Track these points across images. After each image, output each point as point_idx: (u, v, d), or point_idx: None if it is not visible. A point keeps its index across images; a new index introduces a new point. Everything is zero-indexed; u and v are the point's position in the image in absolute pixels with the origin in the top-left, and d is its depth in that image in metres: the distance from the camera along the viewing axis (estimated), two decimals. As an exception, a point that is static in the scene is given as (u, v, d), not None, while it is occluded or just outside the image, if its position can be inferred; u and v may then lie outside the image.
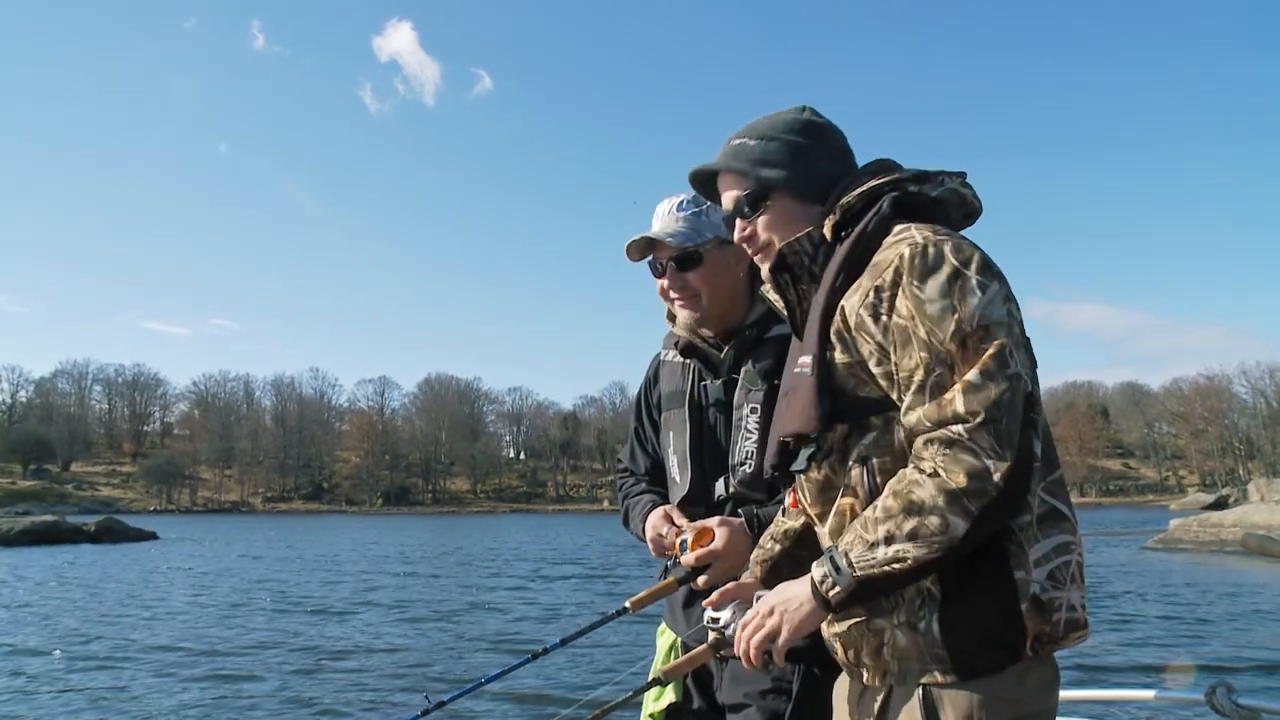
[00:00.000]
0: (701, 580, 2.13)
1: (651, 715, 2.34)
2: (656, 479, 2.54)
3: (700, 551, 2.11)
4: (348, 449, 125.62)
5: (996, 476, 1.36)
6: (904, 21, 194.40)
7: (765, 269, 1.72)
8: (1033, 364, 1.49)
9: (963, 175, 1.65)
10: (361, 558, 31.00)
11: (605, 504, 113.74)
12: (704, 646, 1.79)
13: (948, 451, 1.38)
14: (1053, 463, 1.50)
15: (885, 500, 1.44)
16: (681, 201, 2.32)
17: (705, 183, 1.87)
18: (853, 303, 1.53)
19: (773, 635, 1.58)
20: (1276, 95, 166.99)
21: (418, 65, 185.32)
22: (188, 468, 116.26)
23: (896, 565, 1.41)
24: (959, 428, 1.38)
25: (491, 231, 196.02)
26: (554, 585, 21.26)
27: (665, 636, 2.43)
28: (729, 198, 1.79)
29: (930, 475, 1.39)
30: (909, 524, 1.40)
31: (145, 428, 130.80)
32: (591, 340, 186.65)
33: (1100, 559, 25.54)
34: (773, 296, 1.75)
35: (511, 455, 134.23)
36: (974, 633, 1.45)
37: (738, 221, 1.77)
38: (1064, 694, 3.07)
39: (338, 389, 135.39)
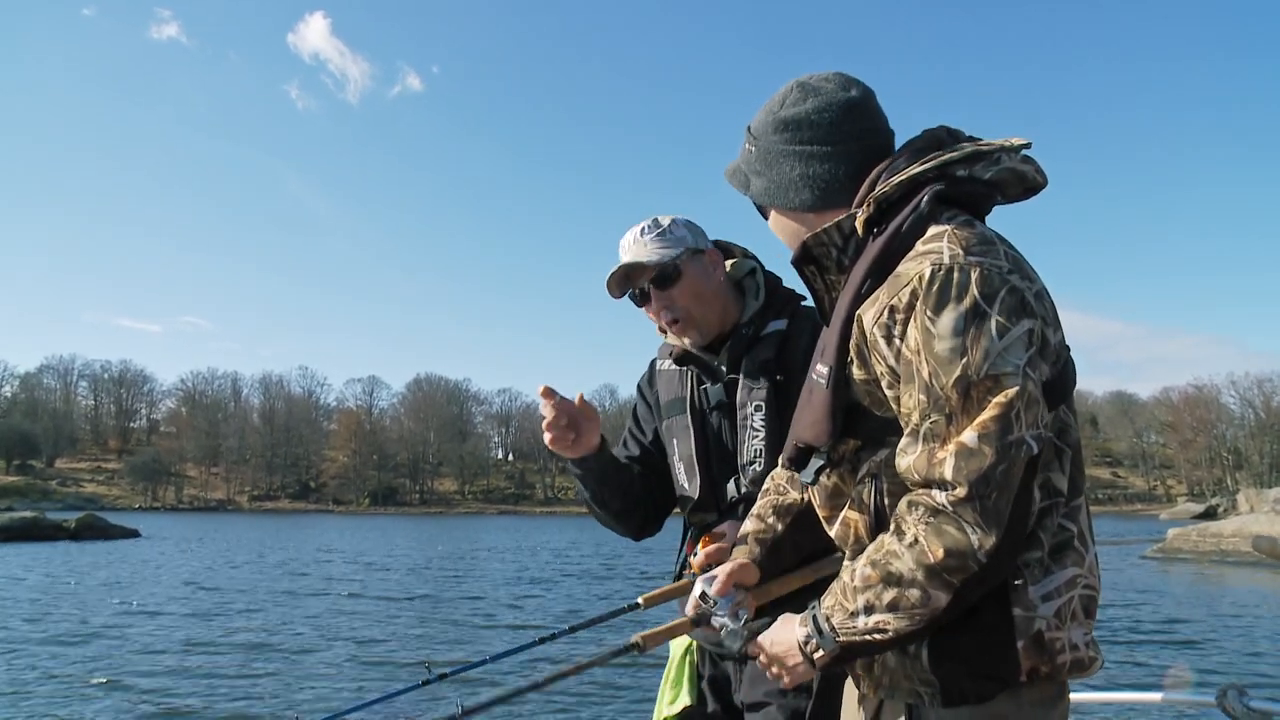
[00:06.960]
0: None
1: (666, 719, 2.26)
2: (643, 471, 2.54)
3: (710, 548, 2.09)
4: (335, 448, 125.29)
5: (980, 553, 1.27)
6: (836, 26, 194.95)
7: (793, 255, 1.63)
8: (1066, 390, 1.42)
9: (1026, 147, 1.49)
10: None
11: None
12: (683, 619, 1.74)
13: (930, 521, 1.30)
14: (1078, 488, 1.42)
15: (864, 568, 1.38)
16: (642, 228, 2.28)
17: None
18: (869, 317, 1.41)
19: (775, 680, 1.56)
20: (1247, 103, 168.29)
21: (340, 61, 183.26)
22: (174, 465, 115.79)
23: (878, 635, 1.37)
24: (943, 497, 1.29)
25: (479, 233, 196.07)
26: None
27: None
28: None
29: (909, 545, 1.32)
30: (888, 595, 1.34)
31: (131, 424, 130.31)
32: (581, 343, 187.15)
33: (1103, 569, 25.18)
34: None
35: (500, 457, 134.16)
36: (962, 667, 1.40)
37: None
38: (1072, 697, 2.84)
39: (326, 388, 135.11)
